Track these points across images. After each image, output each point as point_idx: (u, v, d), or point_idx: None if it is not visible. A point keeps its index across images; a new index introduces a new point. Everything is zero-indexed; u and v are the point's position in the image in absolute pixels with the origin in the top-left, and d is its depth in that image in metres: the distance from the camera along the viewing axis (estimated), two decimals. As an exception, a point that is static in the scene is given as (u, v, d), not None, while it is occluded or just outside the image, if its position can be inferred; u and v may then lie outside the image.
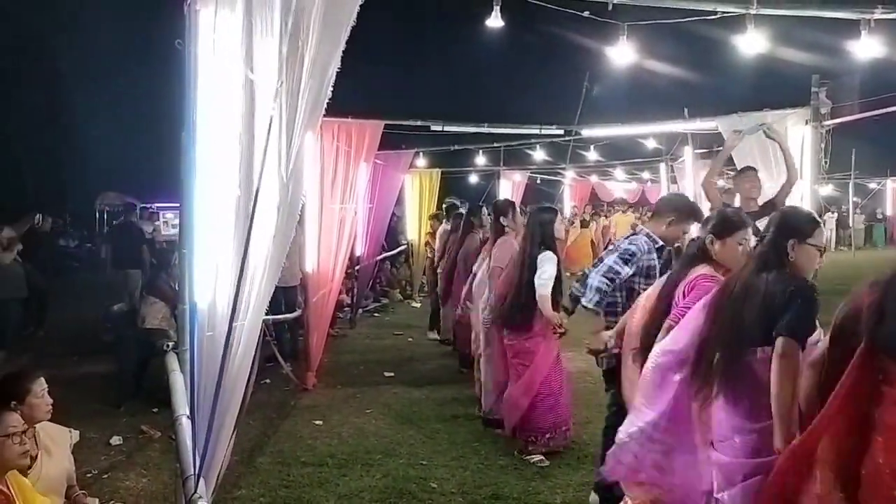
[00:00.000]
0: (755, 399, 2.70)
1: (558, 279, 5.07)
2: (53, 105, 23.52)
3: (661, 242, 4.10)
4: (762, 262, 2.81)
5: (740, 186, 5.56)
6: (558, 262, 5.12)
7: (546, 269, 5.03)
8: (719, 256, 3.29)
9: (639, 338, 3.47)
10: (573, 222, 17.63)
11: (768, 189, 7.23)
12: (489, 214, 6.99)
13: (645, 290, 3.84)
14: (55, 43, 23.20)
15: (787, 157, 5.52)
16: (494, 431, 5.66)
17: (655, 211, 4.38)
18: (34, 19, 21.63)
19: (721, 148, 6.39)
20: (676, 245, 4.15)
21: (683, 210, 4.14)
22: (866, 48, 5.48)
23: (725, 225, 3.34)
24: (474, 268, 6.69)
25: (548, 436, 5.19)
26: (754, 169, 5.71)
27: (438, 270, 9.35)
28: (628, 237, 4.23)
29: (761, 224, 3.26)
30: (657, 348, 3.12)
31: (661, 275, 3.94)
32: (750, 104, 8.17)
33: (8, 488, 2.93)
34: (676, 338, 3.06)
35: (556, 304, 5.13)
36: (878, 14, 5.25)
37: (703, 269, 3.28)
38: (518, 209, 6.44)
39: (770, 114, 7.38)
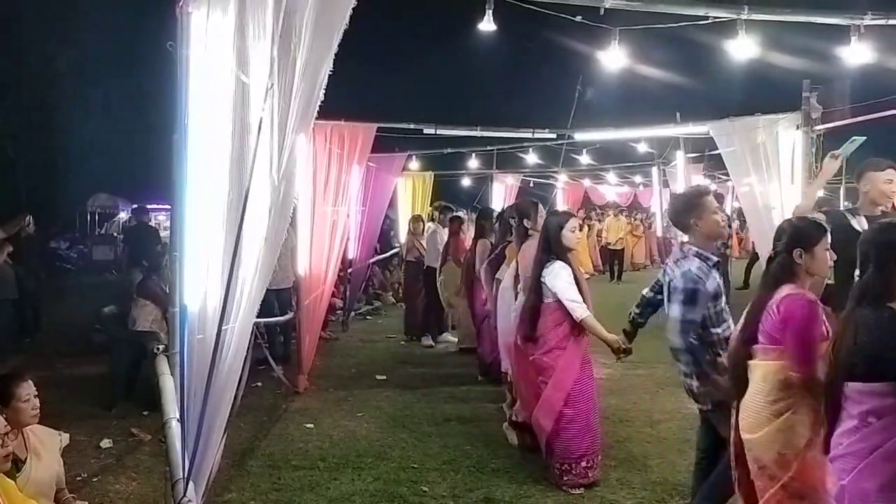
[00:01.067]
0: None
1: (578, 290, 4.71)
2: (45, 106, 23.39)
3: (714, 258, 3.66)
4: (862, 294, 2.57)
5: (875, 186, 4.56)
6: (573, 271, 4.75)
7: (558, 285, 4.66)
8: (811, 269, 3.07)
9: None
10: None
11: (760, 193, 7.28)
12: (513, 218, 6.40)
13: (716, 312, 3.59)
14: (47, 44, 23.11)
15: None
16: (519, 438, 5.39)
17: (676, 224, 3.97)
18: (26, 21, 21.55)
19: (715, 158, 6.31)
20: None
21: (693, 201, 3.77)
22: (856, 54, 5.51)
23: (810, 234, 3.10)
24: (498, 274, 6.41)
25: (584, 464, 4.65)
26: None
27: (441, 278, 9.25)
28: (678, 261, 3.70)
29: None
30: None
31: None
32: (741, 109, 8.22)
33: None
34: None
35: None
36: (868, 20, 5.28)
37: (787, 290, 3.03)
38: (540, 209, 5.90)
39: (762, 118, 7.42)
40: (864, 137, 5.25)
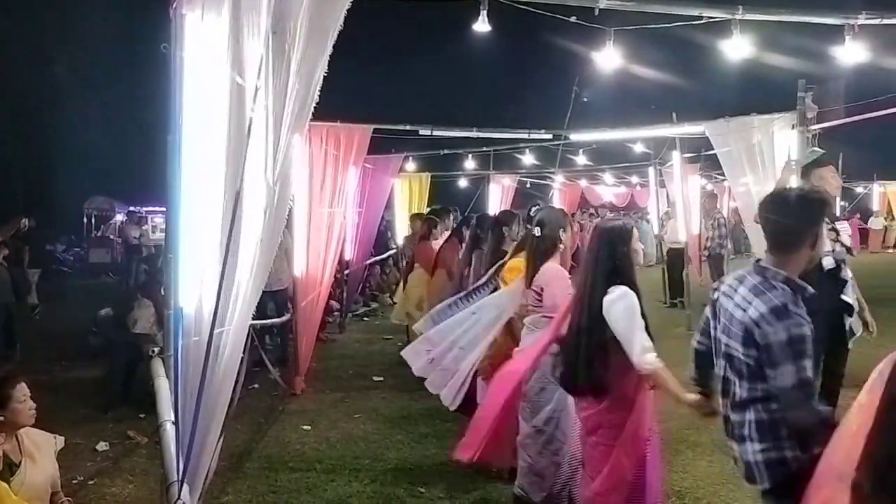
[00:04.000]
0: None
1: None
2: (41, 109, 23.42)
3: (809, 289, 2.60)
4: None
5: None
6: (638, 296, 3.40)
7: (621, 318, 3.31)
8: None
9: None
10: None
11: (756, 193, 7.29)
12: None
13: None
14: (43, 47, 23.13)
15: None
16: None
17: (789, 238, 2.66)
18: (21, 24, 21.56)
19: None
20: None
21: (820, 208, 2.75)
22: (851, 53, 5.52)
23: None
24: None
25: None
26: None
27: (406, 286, 8.69)
28: (757, 291, 2.60)
29: None
30: None
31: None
32: (737, 109, 8.22)
33: None
34: None
35: None
36: (862, 19, 5.29)
37: None
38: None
39: (757, 118, 7.43)
40: (813, 150, 5.93)
